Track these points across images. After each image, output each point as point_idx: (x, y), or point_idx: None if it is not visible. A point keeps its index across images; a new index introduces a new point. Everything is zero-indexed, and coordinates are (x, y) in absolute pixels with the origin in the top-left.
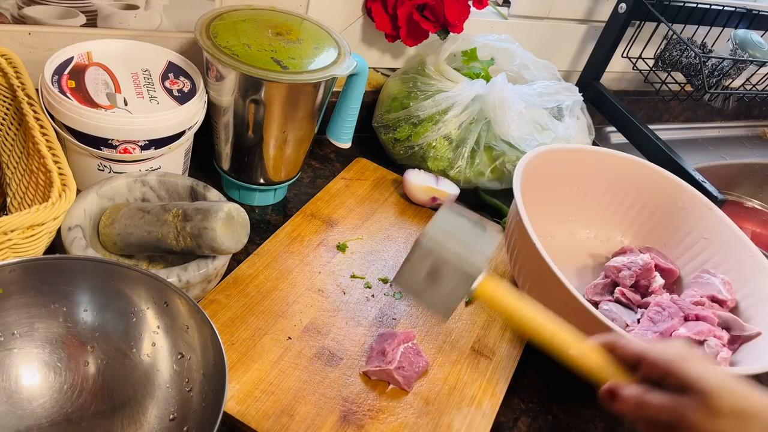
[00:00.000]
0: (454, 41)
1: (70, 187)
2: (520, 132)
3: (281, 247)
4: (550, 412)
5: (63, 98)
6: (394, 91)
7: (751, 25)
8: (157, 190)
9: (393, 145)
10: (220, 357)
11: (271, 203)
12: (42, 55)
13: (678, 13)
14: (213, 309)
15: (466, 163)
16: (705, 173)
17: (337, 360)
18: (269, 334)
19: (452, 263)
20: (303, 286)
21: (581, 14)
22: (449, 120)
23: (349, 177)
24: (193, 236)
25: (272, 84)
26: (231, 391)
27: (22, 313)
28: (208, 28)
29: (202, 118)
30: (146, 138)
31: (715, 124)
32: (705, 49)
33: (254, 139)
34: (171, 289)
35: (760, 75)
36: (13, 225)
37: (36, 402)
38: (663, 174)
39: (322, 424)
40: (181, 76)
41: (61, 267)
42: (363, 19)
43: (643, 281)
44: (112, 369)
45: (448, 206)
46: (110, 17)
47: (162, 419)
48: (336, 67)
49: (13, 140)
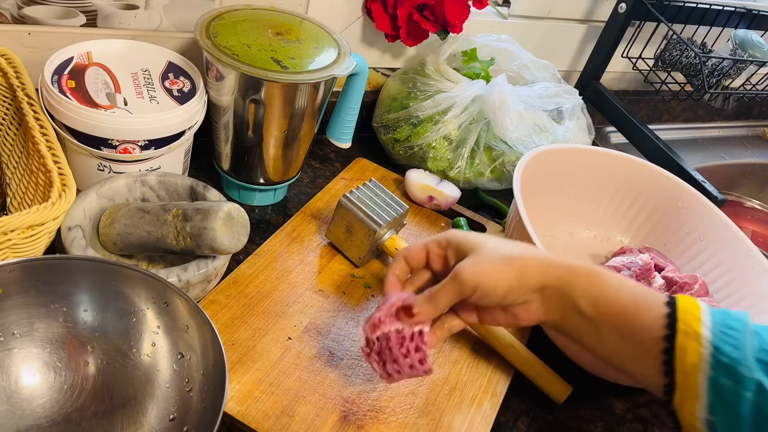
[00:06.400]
0: (454, 41)
1: (70, 187)
2: (518, 134)
3: (281, 247)
4: (550, 412)
5: (63, 98)
6: (394, 92)
7: (751, 25)
8: (157, 190)
9: (393, 146)
10: (220, 357)
11: (271, 203)
12: (42, 55)
13: (678, 13)
14: (213, 309)
15: (465, 164)
16: (705, 173)
17: (337, 360)
18: (269, 335)
19: (360, 221)
20: (303, 286)
21: (581, 14)
22: (449, 120)
23: (349, 177)
24: (192, 236)
25: (272, 84)
26: (231, 391)
27: (22, 313)
28: (208, 28)
29: (202, 118)
30: (146, 138)
31: (715, 124)
32: (705, 49)
33: (254, 139)
34: (171, 289)
35: (760, 75)
36: (13, 225)
37: (36, 402)
38: (663, 174)
39: (322, 425)
40: (181, 76)
41: (61, 267)
42: (363, 19)
43: (643, 281)
44: (112, 369)
45: (369, 182)
46: (110, 17)
47: (162, 419)
48: (336, 67)
49: (13, 140)
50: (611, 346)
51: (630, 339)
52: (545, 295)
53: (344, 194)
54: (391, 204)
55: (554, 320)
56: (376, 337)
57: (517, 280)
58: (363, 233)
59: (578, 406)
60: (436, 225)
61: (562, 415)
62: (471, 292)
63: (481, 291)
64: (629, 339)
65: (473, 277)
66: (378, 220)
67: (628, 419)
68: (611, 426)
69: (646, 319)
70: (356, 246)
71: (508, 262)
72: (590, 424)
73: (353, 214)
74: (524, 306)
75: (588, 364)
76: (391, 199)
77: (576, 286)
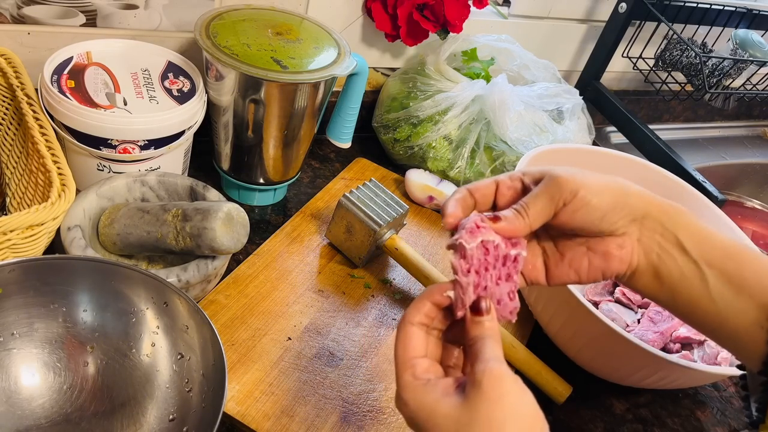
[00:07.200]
0: (454, 41)
1: (70, 187)
2: (518, 134)
3: (281, 247)
4: (550, 413)
5: (62, 98)
6: (394, 91)
7: (751, 25)
8: (157, 190)
9: (393, 145)
10: (220, 357)
11: (271, 203)
12: (41, 55)
13: (678, 12)
14: (213, 309)
15: (466, 164)
16: (705, 173)
17: (337, 360)
18: (269, 335)
19: (360, 221)
20: (303, 286)
21: (581, 14)
22: (449, 120)
23: (349, 177)
24: (192, 236)
25: (272, 84)
26: (231, 391)
27: (22, 313)
28: (208, 27)
29: (201, 117)
30: (146, 138)
31: (715, 124)
32: (705, 48)
33: (254, 139)
34: (170, 289)
35: (761, 75)
36: (13, 225)
37: (35, 402)
38: (663, 174)
39: (322, 425)
40: (181, 76)
41: (61, 267)
42: (363, 18)
43: None
44: (112, 369)
45: (369, 182)
46: (110, 17)
47: (161, 419)
48: (336, 67)
49: (12, 140)
50: (717, 296)
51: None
52: (644, 227)
53: (344, 194)
54: (391, 204)
55: (652, 262)
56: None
57: (621, 198)
58: (363, 233)
59: (578, 406)
60: (436, 225)
61: (563, 416)
62: (569, 198)
63: (580, 200)
64: (736, 287)
65: (571, 181)
66: (378, 220)
67: (628, 419)
68: (611, 426)
69: (755, 266)
70: (356, 246)
71: (608, 178)
72: (590, 424)
73: (353, 214)
74: (619, 240)
75: (588, 364)
76: (391, 199)
77: (679, 221)
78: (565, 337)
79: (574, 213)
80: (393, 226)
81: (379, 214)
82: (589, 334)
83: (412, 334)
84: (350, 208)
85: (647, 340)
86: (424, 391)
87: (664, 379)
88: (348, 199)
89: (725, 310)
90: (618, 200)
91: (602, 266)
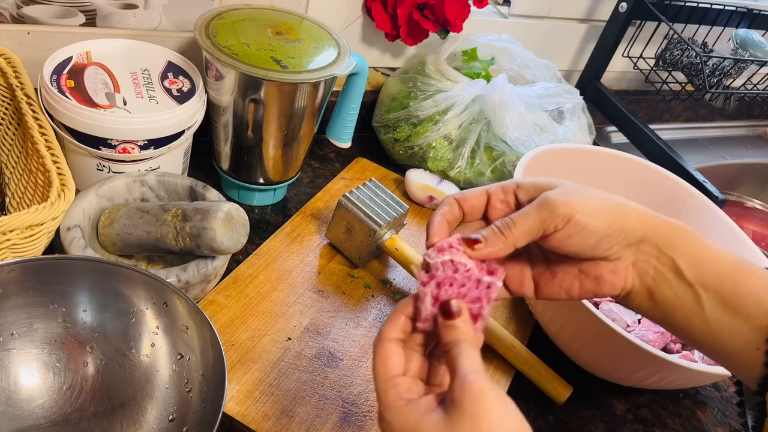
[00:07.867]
0: (454, 41)
1: (69, 187)
2: (519, 134)
3: (281, 247)
4: (550, 413)
5: (62, 98)
6: (394, 91)
7: (751, 25)
8: (156, 190)
9: (393, 145)
10: (220, 357)
11: (271, 203)
12: (41, 55)
13: (679, 12)
14: (212, 309)
15: (466, 164)
16: (706, 173)
17: (337, 361)
18: (269, 335)
19: (360, 221)
20: (303, 286)
21: (582, 14)
22: (449, 120)
23: (349, 177)
24: (192, 236)
25: (272, 83)
26: (230, 391)
27: (21, 313)
28: (208, 27)
29: (201, 117)
30: (145, 138)
31: (715, 124)
32: (706, 48)
33: (254, 139)
34: (170, 289)
35: (761, 75)
36: (12, 225)
37: (35, 402)
38: (664, 174)
39: (322, 425)
40: (181, 76)
41: (60, 267)
42: (363, 18)
43: None
44: (112, 369)
45: (368, 182)
46: (109, 17)
47: (161, 420)
48: (336, 67)
49: (12, 140)
50: (711, 319)
51: (733, 310)
52: (640, 251)
53: (344, 194)
54: (391, 204)
55: (646, 285)
56: (441, 262)
57: (618, 223)
58: (363, 233)
59: (579, 406)
60: None
61: (563, 416)
62: (561, 224)
63: (573, 226)
64: (732, 310)
65: (566, 205)
66: (378, 220)
67: (628, 420)
68: (612, 426)
69: (752, 287)
70: (356, 246)
71: (606, 199)
72: (591, 424)
73: (353, 214)
74: (612, 265)
75: (588, 364)
76: (391, 199)
77: (677, 243)
78: (565, 337)
79: (567, 239)
80: (393, 226)
81: (379, 214)
82: (590, 334)
83: (390, 351)
84: (350, 208)
85: (648, 340)
86: (407, 411)
87: (665, 380)
88: (348, 199)
89: (720, 332)
90: (614, 225)
91: (594, 289)
